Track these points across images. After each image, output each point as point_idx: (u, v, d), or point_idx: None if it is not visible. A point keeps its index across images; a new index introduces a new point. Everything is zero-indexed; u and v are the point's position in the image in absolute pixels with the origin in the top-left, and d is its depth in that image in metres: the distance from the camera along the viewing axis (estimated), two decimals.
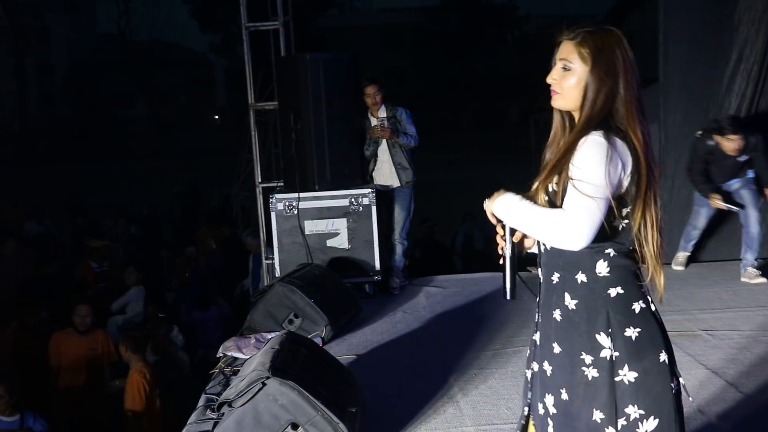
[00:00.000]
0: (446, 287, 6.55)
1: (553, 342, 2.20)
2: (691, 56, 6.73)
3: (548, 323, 2.23)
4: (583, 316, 2.15)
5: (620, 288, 2.15)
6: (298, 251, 6.25)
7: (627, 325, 2.13)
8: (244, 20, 7.23)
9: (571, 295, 2.17)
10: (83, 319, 6.65)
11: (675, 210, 6.90)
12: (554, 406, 2.20)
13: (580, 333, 2.14)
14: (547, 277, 2.25)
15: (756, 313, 5.31)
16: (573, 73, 2.19)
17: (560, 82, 2.21)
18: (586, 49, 2.18)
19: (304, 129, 6.32)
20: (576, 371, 2.13)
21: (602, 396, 2.10)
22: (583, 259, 2.15)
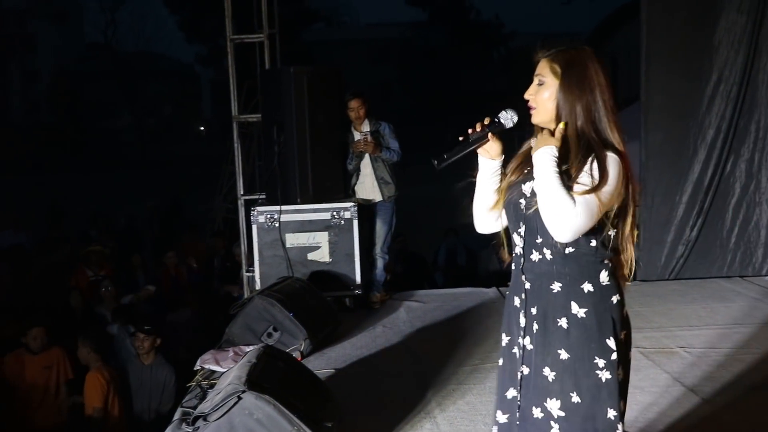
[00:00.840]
0: (427, 302, 6.56)
1: (558, 349, 2.28)
2: (672, 76, 6.81)
3: (550, 331, 2.29)
4: (594, 324, 2.26)
5: (618, 295, 2.31)
6: (278, 264, 6.24)
7: (622, 328, 2.31)
8: (230, 33, 7.25)
9: (578, 303, 2.26)
10: (34, 340, 6.40)
11: (654, 228, 6.96)
12: (561, 410, 2.27)
13: (593, 339, 2.25)
14: (543, 285, 2.31)
15: (733, 330, 5.35)
16: (546, 87, 2.31)
17: (536, 97, 2.32)
18: (557, 63, 2.29)
19: (287, 142, 6.31)
20: (590, 375, 2.24)
21: (614, 395, 2.26)
22: (589, 268, 2.27)
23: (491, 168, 2.43)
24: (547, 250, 2.29)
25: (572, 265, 2.27)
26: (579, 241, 2.25)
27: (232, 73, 7.24)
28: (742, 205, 6.91)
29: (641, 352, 4.88)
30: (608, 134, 2.26)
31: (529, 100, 2.34)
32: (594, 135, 2.25)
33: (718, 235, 6.93)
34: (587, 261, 2.26)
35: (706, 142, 6.85)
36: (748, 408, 4.03)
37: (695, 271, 6.95)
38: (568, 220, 2.15)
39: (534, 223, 2.30)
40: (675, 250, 6.95)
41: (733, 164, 6.88)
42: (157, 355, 6.36)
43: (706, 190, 6.87)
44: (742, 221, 6.93)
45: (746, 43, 6.74)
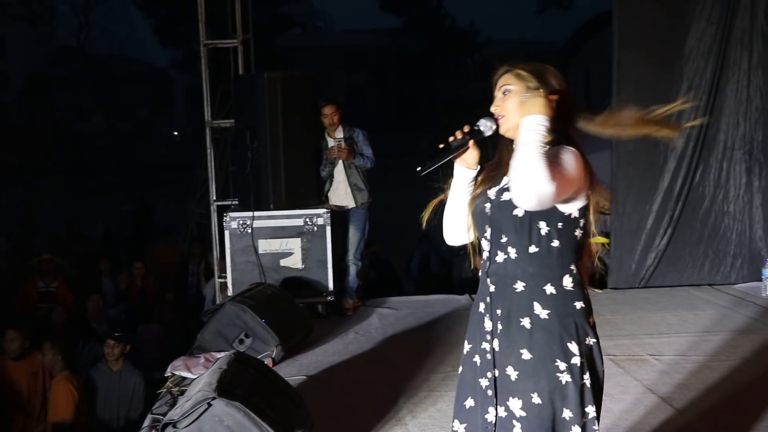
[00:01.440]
0: (399, 309, 6.56)
1: (521, 348, 2.29)
2: (642, 86, 6.87)
3: (514, 331, 2.31)
4: (555, 326, 2.28)
5: (582, 302, 2.33)
6: (251, 270, 6.21)
7: (587, 335, 2.32)
8: (203, 37, 7.23)
9: (542, 305, 2.29)
10: (12, 342, 6.35)
11: (625, 236, 7.02)
12: (523, 410, 2.28)
13: (554, 341, 2.27)
14: (507, 285, 2.33)
15: (703, 338, 5.40)
16: (513, 94, 2.36)
17: (503, 105, 2.37)
18: (520, 70, 2.37)
19: (260, 148, 6.30)
20: (551, 376, 2.26)
21: (572, 398, 2.27)
22: (552, 271, 2.30)
23: (467, 177, 2.45)
24: (512, 248, 2.31)
25: (536, 266, 2.29)
26: (542, 241, 2.28)
27: (205, 78, 7.22)
28: (711, 214, 6.99)
29: (612, 359, 4.92)
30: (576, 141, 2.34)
31: (496, 111, 2.37)
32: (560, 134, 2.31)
33: (688, 243, 7.01)
34: (550, 263, 2.29)
35: (676, 151, 6.93)
36: (717, 415, 4.07)
37: (665, 280, 7.02)
38: (538, 185, 2.13)
39: (499, 222, 2.33)
40: (645, 258, 7.01)
41: (703, 173, 6.97)
42: (125, 362, 6.31)
43: (676, 199, 6.95)
44: (710, 230, 7.02)
45: (715, 53, 6.84)
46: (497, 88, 2.40)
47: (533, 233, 2.28)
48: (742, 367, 4.77)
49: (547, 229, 2.28)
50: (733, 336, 5.42)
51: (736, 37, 6.86)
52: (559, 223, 2.28)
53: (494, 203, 2.35)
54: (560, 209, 2.28)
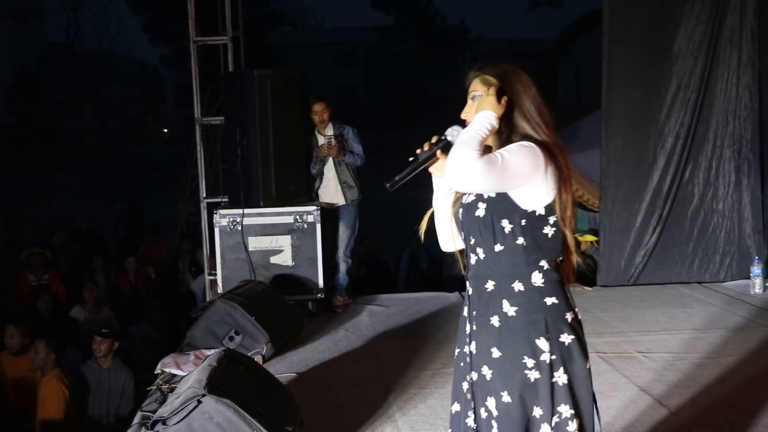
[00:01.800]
0: (389, 306, 6.56)
1: (492, 347, 2.31)
2: (632, 84, 6.91)
3: (486, 330, 2.33)
4: (523, 322, 2.28)
5: (555, 298, 2.31)
6: (241, 267, 6.20)
7: (561, 331, 2.29)
8: (193, 34, 7.21)
9: (509, 302, 2.30)
10: (11, 338, 6.34)
11: (614, 234, 7.04)
12: (496, 409, 2.31)
13: (521, 338, 2.27)
14: (480, 286, 2.36)
15: (691, 335, 5.42)
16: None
17: (471, 112, 2.39)
18: (487, 75, 2.41)
19: (250, 145, 6.29)
20: (518, 374, 2.27)
21: (542, 395, 2.26)
22: (519, 268, 2.30)
23: (443, 186, 2.48)
24: (480, 249, 2.35)
25: (503, 264, 2.31)
26: (506, 239, 2.30)
27: (195, 75, 7.20)
28: (700, 212, 7.02)
29: (601, 356, 4.93)
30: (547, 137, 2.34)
31: (466, 117, 2.41)
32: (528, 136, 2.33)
33: (677, 241, 7.03)
34: (517, 261, 2.30)
35: (666, 149, 6.95)
36: (707, 412, 4.08)
37: (654, 277, 7.04)
38: (467, 162, 2.17)
39: (467, 225, 2.38)
40: (635, 256, 7.03)
41: (692, 171, 6.99)
42: (115, 359, 6.28)
43: (665, 197, 6.97)
44: (700, 228, 7.04)
45: (705, 52, 6.86)
46: (468, 94, 2.44)
47: (497, 232, 2.31)
48: (731, 364, 4.79)
49: (510, 227, 2.29)
50: (722, 333, 5.45)
51: (725, 35, 6.88)
52: (522, 220, 2.29)
53: (464, 207, 2.40)
54: (521, 206, 2.29)
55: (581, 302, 6.67)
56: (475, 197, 2.34)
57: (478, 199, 2.33)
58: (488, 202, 2.31)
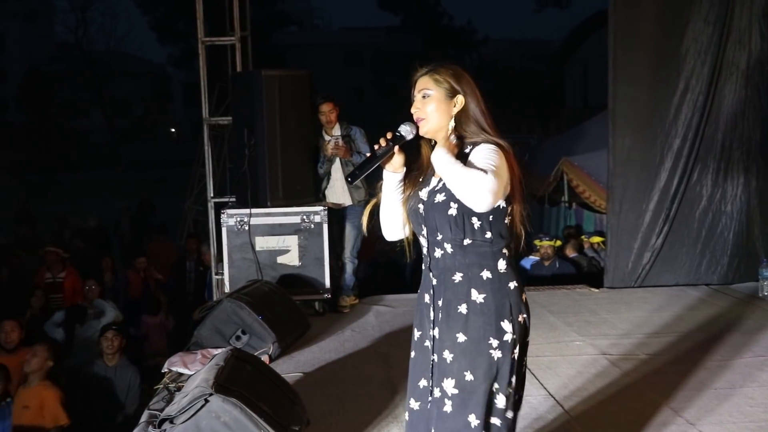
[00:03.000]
0: (396, 306, 6.56)
1: (456, 332, 2.48)
2: (639, 85, 6.88)
3: (451, 318, 2.50)
4: (491, 307, 2.47)
5: (515, 281, 2.52)
6: (248, 267, 6.20)
7: (519, 312, 2.51)
8: (201, 34, 7.22)
9: (478, 290, 2.48)
10: (7, 334, 6.33)
11: (622, 234, 7.01)
12: (455, 387, 2.47)
13: (489, 322, 2.46)
14: (446, 278, 2.51)
15: (699, 338, 5.39)
16: (432, 98, 2.54)
17: (423, 109, 2.55)
18: (439, 75, 2.56)
19: (257, 145, 6.29)
20: (483, 354, 2.45)
21: (503, 372, 2.47)
22: (486, 258, 2.49)
23: (394, 180, 2.62)
24: (447, 244, 2.50)
25: (470, 256, 2.48)
26: (475, 233, 2.47)
27: (203, 75, 7.22)
28: (708, 213, 6.98)
29: (608, 358, 4.92)
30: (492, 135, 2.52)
31: (416, 114, 2.55)
32: (480, 135, 2.52)
33: (685, 243, 7.00)
34: (485, 251, 2.48)
35: (673, 150, 6.93)
36: (714, 415, 4.07)
37: (661, 279, 7.01)
38: (484, 185, 2.31)
39: (433, 222, 2.51)
40: (641, 257, 7.01)
41: (700, 173, 6.96)
42: (121, 357, 6.29)
43: (673, 198, 6.94)
44: (708, 230, 7.00)
45: (712, 53, 6.83)
46: (416, 90, 2.58)
47: (467, 228, 2.47)
48: (740, 367, 4.77)
49: (479, 223, 2.47)
50: (730, 336, 5.42)
51: (734, 36, 6.85)
52: (490, 216, 2.47)
53: (427, 204, 2.53)
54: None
55: (588, 304, 6.67)
56: (446, 197, 2.47)
57: (450, 199, 2.45)
58: (459, 203, 2.42)
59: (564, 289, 7.03)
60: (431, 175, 2.58)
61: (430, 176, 2.58)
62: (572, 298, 6.70)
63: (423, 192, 2.57)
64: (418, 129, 2.54)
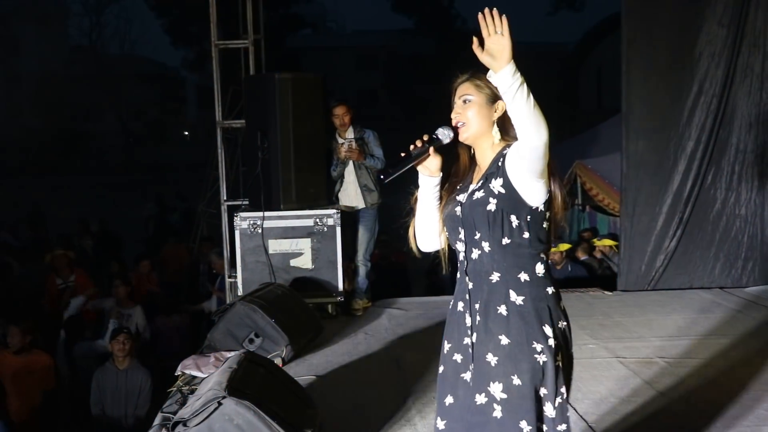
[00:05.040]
0: (409, 310, 6.57)
1: (499, 335, 2.42)
2: (652, 87, 6.87)
3: (491, 320, 2.44)
4: (531, 310, 2.41)
5: (553, 287, 2.48)
6: (261, 270, 6.23)
7: (560, 318, 2.46)
8: (214, 38, 7.26)
9: (516, 291, 2.43)
10: (12, 338, 6.39)
11: (636, 237, 6.99)
12: (504, 392, 2.41)
13: (530, 324, 2.40)
14: (483, 279, 2.47)
15: (713, 341, 5.38)
16: (473, 103, 2.52)
17: (463, 113, 2.53)
18: (480, 81, 2.53)
19: (270, 148, 6.31)
20: (528, 358, 2.39)
21: (548, 377, 2.40)
22: (524, 260, 2.44)
23: (431, 183, 2.59)
24: (485, 242, 2.45)
25: (509, 257, 2.44)
26: (513, 233, 2.42)
27: (216, 79, 7.25)
28: (722, 216, 6.96)
29: (621, 362, 4.92)
30: None
31: (456, 119, 2.53)
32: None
33: (698, 246, 6.98)
34: (522, 253, 2.44)
35: (686, 153, 6.91)
36: (729, 419, 4.05)
37: (675, 282, 7.00)
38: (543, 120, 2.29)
39: (471, 220, 2.48)
40: (655, 260, 6.99)
41: (714, 176, 6.94)
42: (132, 359, 6.33)
43: (686, 200, 6.92)
44: (722, 233, 6.98)
45: (727, 56, 6.81)
46: (457, 96, 2.56)
47: (505, 226, 2.42)
48: (752, 371, 4.75)
49: (517, 222, 2.42)
50: (743, 339, 5.40)
51: (748, 39, 6.83)
52: (528, 216, 2.43)
53: (465, 205, 2.50)
54: (528, 202, 2.42)
55: (601, 307, 6.66)
56: (484, 194, 2.44)
57: (489, 195, 2.43)
58: (498, 198, 2.42)
59: (577, 292, 7.02)
60: (469, 182, 2.56)
61: (469, 183, 2.56)
62: (585, 301, 6.69)
63: (461, 196, 2.53)
64: (456, 134, 2.52)
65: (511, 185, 2.41)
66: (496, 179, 2.44)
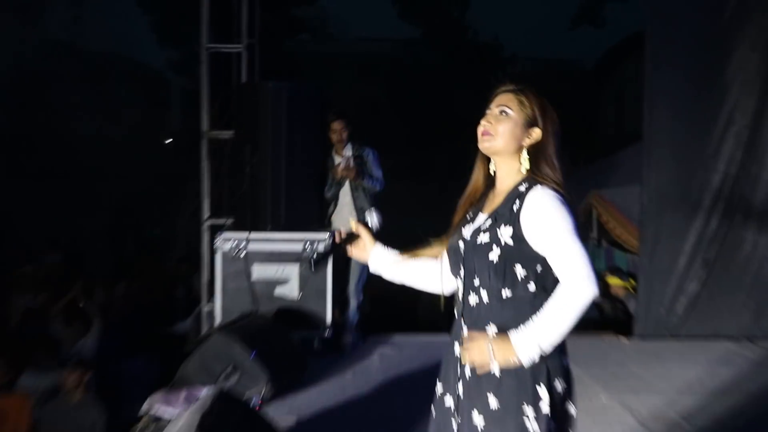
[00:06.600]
0: (404, 348, 6.51)
1: (487, 394, 2.37)
2: (678, 115, 6.87)
3: (483, 376, 2.38)
4: (527, 370, 2.34)
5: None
6: (242, 298, 6.18)
7: (557, 376, 2.38)
8: (205, 40, 7.24)
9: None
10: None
11: (653, 278, 6.95)
12: None
13: (523, 384, 2.34)
14: (479, 328, 2.41)
15: (739, 400, 5.28)
16: (510, 119, 2.47)
17: (495, 125, 2.47)
18: (525, 99, 2.49)
19: (260, 163, 6.31)
20: (518, 425, 2.34)
21: None
22: (526, 314, 2.35)
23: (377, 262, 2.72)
24: (484, 291, 2.41)
25: (509, 309, 2.38)
26: (517, 286, 2.37)
27: (204, 84, 7.23)
28: (753, 260, 6.90)
29: (637, 419, 4.84)
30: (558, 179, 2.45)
31: (484, 128, 2.48)
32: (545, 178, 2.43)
33: (725, 290, 6.92)
34: (524, 306, 2.37)
35: (713, 188, 6.88)
36: None
37: (698, 329, 6.91)
38: (584, 292, 2.30)
39: (472, 264, 2.44)
40: (675, 304, 6.93)
41: (744, 214, 6.90)
42: (85, 393, 6.14)
43: (712, 240, 6.88)
44: (753, 277, 6.91)
45: (760, 84, 6.79)
46: (495, 104, 2.51)
47: (508, 277, 2.38)
48: None
49: (524, 273, 2.38)
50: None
51: None
52: (537, 266, 2.38)
53: (468, 244, 2.46)
54: (539, 252, 2.36)
55: (615, 355, 6.59)
56: (489, 239, 2.39)
57: (493, 241, 2.39)
58: (504, 249, 2.37)
59: (589, 337, 6.95)
60: (480, 209, 2.52)
61: (479, 211, 2.52)
62: (598, 348, 6.62)
63: (467, 230, 2.50)
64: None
65: (523, 238, 2.37)
66: (505, 226, 2.39)
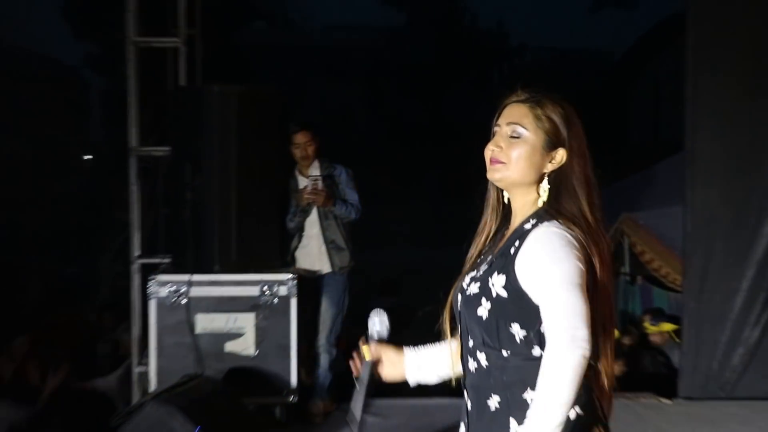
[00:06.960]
0: (387, 416, 6.51)
1: None
2: (727, 122, 6.97)
3: None
4: None
5: (578, 408, 2.30)
6: (183, 356, 6.19)
7: None
8: (132, 32, 7.15)
9: (518, 419, 2.31)
10: None
11: (703, 323, 7.00)
12: None
13: None
14: (480, 401, 2.42)
15: None
16: (524, 142, 2.41)
17: (506, 152, 2.42)
18: (543, 111, 2.42)
19: (204, 186, 6.32)
20: None
21: None
22: (530, 372, 2.29)
23: (415, 375, 2.70)
24: (481, 354, 2.40)
25: (512, 374, 2.36)
26: (519, 347, 2.34)
27: (132, 88, 7.18)
28: None
29: None
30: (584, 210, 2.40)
31: (493, 155, 2.43)
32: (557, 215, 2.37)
33: None
34: (530, 369, 2.31)
35: None
36: None
37: (759, 388, 6.98)
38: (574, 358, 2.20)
39: (465, 321, 2.45)
40: (731, 356, 6.99)
41: None
42: None
43: None
44: None
45: None
46: (504, 120, 2.45)
47: (503, 338, 2.35)
48: None
49: (523, 333, 2.34)
50: None
51: None
52: (541, 325, 2.32)
53: (464, 296, 2.46)
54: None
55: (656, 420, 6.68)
56: (479, 289, 2.39)
57: (482, 293, 2.38)
58: (495, 302, 2.35)
59: (623, 398, 6.99)
60: (490, 250, 2.49)
61: (489, 251, 2.50)
62: (635, 412, 6.67)
63: (468, 276, 2.49)
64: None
65: (520, 289, 2.33)
66: (498, 274, 2.36)
